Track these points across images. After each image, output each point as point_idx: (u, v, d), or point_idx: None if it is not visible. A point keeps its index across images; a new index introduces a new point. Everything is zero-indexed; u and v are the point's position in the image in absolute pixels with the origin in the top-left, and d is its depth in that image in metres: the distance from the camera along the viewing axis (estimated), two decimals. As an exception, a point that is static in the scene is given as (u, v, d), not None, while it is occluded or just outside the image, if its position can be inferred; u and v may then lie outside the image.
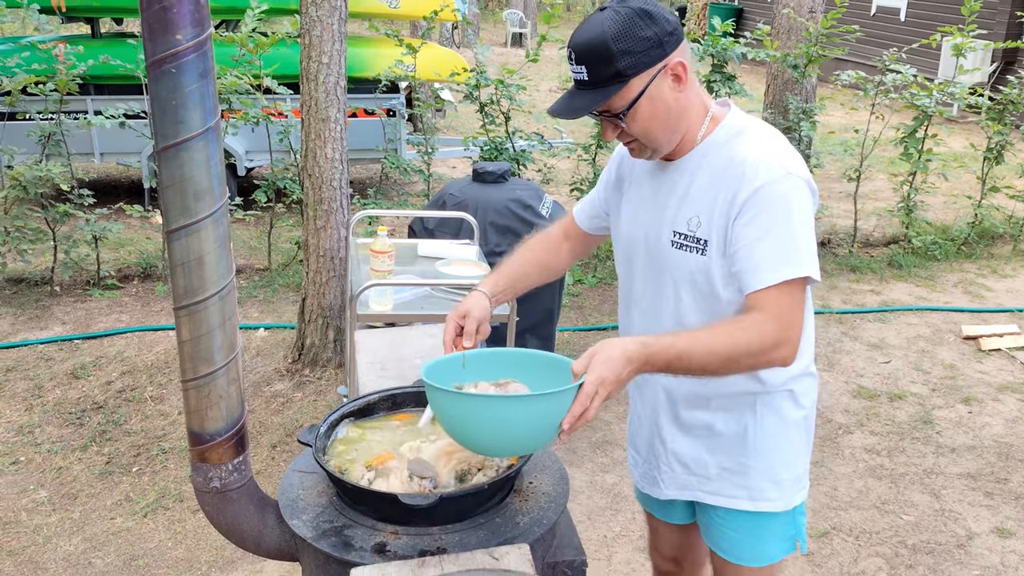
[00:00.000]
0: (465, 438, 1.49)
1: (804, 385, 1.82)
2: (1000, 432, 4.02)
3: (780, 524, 1.86)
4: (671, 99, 1.62)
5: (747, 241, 1.60)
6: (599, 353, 1.47)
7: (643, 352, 1.50)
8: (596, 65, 1.57)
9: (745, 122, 1.71)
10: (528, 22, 19.55)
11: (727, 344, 1.55)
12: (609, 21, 1.56)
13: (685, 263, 1.69)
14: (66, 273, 5.38)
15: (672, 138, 1.67)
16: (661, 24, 1.58)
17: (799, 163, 1.65)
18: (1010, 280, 6.02)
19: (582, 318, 5.21)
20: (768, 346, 1.56)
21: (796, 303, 1.59)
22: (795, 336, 1.58)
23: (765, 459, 1.80)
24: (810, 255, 1.60)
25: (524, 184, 4.10)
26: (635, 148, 1.70)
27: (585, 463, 3.71)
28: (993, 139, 6.36)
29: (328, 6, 4.03)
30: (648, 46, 1.57)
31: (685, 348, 1.53)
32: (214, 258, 1.46)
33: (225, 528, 1.63)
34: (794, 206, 1.59)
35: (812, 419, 1.89)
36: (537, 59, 5.76)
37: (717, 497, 1.85)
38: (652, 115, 1.62)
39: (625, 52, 1.56)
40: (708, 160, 1.68)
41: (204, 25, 1.36)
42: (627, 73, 1.57)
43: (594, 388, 1.44)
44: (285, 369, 4.42)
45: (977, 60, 10.47)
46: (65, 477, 3.58)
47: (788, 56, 6.13)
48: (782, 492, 1.82)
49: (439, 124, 9.34)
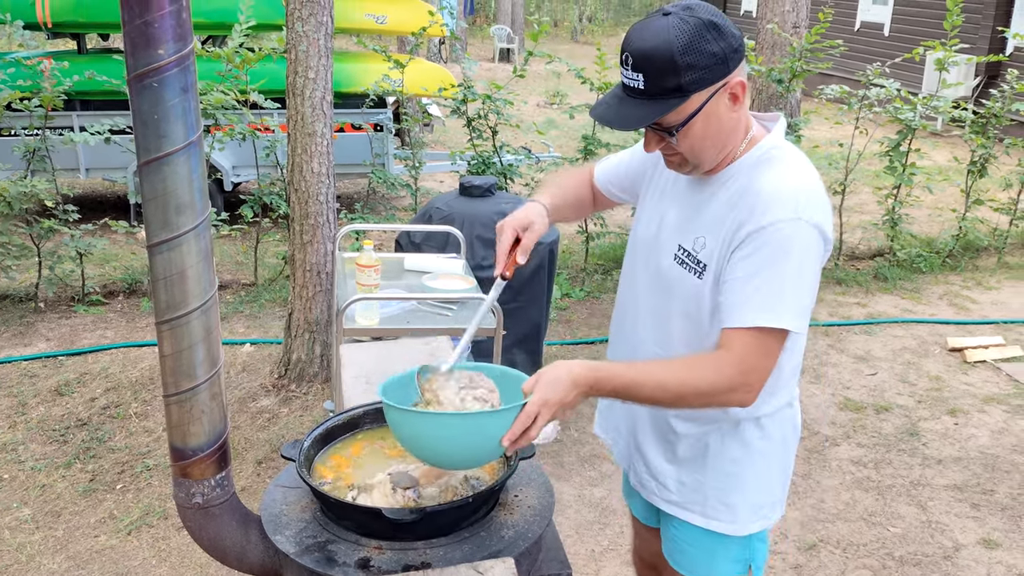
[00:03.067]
0: (415, 452, 1.55)
1: (777, 419, 1.78)
2: (986, 443, 4.04)
3: (733, 546, 1.83)
4: (726, 118, 1.57)
5: (737, 276, 1.57)
6: (546, 374, 1.48)
7: (591, 376, 1.50)
8: (657, 76, 1.49)
9: (779, 150, 1.64)
10: (516, 38, 19.64)
11: (679, 382, 1.54)
12: (676, 31, 1.47)
13: (681, 282, 1.68)
14: (51, 289, 5.35)
15: (717, 157, 1.63)
16: (728, 39, 1.51)
17: (817, 208, 1.57)
18: (995, 292, 6.06)
19: (570, 332, 5.21)
20: (722, 388, 1.54)
21: (765, 351, 1.55)
22: (756, 381, 1.55)
23: (720, 481, 1.78)
24: (795, 307, 1.55)
25: (511, 198, 4.11)
26: (675, 162, 1.65)
27: (573, 477, 3.70)
28: (977, 152, 6.42)
29: (314, 22, 4.04)
30: (714, 62, 1.50)
31: (634, 379, 1.53)
32: (196, 272, 1.45)
33: (207, 544, 1.62)
34: (794, 253, 1.54)
35: (785, 453, 1.84)
36: (524, 74, 5.80)
37: (673, 507, 1.85)
38: (705, 133, 1.56)
39: (691, 66, 1.48)
40: (732, 182, 1.63)
41: (186, 40, 1.36)
42: (689, 89, 1.50)
43: (536, 408, 1.45)
44: (271, 385, 4.40)
45: (960, 74, 10.59)
46: (49, 495, 3.54)
47: (773, 70, 6.18)
48: (734, 517, 1.79)
49: (426, 139, 9.37)
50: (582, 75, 5.75)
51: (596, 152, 5.90)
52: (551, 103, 13.27)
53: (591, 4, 26.54)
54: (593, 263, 6.26)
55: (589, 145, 5.86)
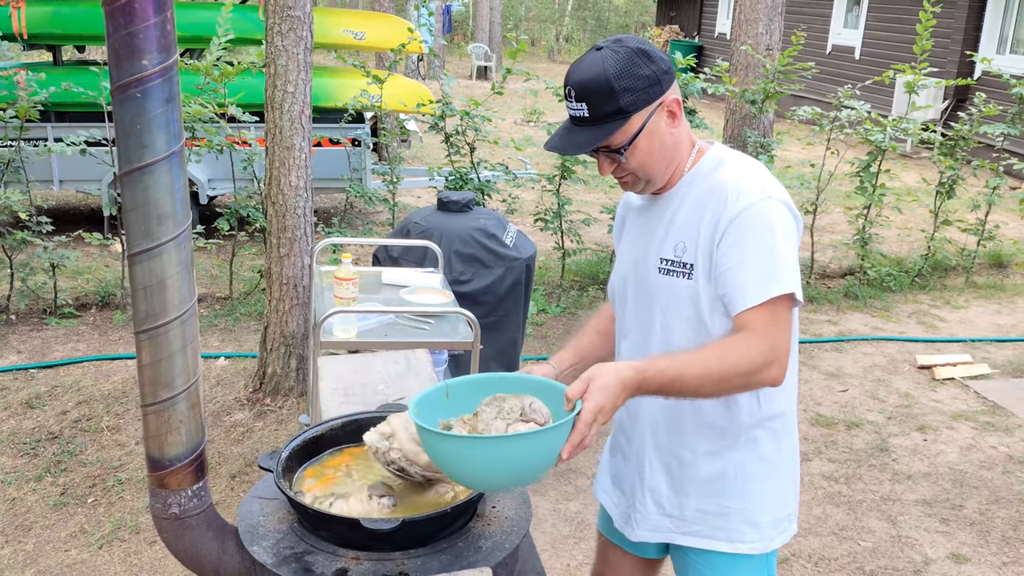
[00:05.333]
0: (466, 478, 1.47)
1: (785, 424, 1.82)
2: (954, 459, 4.10)
3: (755, 566, 1.84)
4: (667, 134, 1.69)
5: (732, 263, 1.64)
6: (595, 380, 1.48)
7: (637, 378, 1.52)
8: (598, 102, 1.62)
9: (728, 153, 1.77)
10: (493, 55, 19.76)
11: (719, 365, 1.57)
12: (610, 60, 1.62)
13: (671, 288, 1.73)
14: (22, 301, 5.29)
15: (666, 172, 1.73)
16: (658, 63, 1.65)
17: (780, 188, 1.70)
18: (963, 311, 6.17)
19: (546, 347, 5.23)
20: (758, 365, 1.58)
21: (782, 321, 1.62)
22: (783, 354, 1.61)
23: (745, 501, 1.79)
24: (793, 273, 1.64)
25: (488, 213, 4.13)
26: (629, 181, 1.75)
27: (549, 491, 3.71)
28: (945, 174, 6.54)
29: (294, 36, 4.06)
30: (647, 84, 1.63)
31: (679, 371, 1.56)
32: (176, 282, 1.46)
33: (184, 555, 1.61)
34: (776, 227, 1.64)
35: (793, 461, 1.87)
36: (502, 92, 5.83)
37: (691, 538, 1.83)
38: (650, 150, 1.68)
39: (627, 90, 1.61)
40: (693, 188, 1.73)
41: (170, 51, 1.37)
42: (628, 110, 1.63)
43: (592, 416, 1.45)
44: (246, 398, 4.38)
45: (929, 97, 10.79)
46: (19, 508, 3.49)
47: (746, 92, 6.27)
48: (761, 535, 1.81)
49: (404, 154, 9.38)
50: (559, 93, 5.80)
51: (572, 169, 5.95)
52: (528, 120, 13.36)
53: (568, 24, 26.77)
54: (570, 279, 6.29)
55: (566, 162, 5.90)
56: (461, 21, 25.65)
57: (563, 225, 6.09)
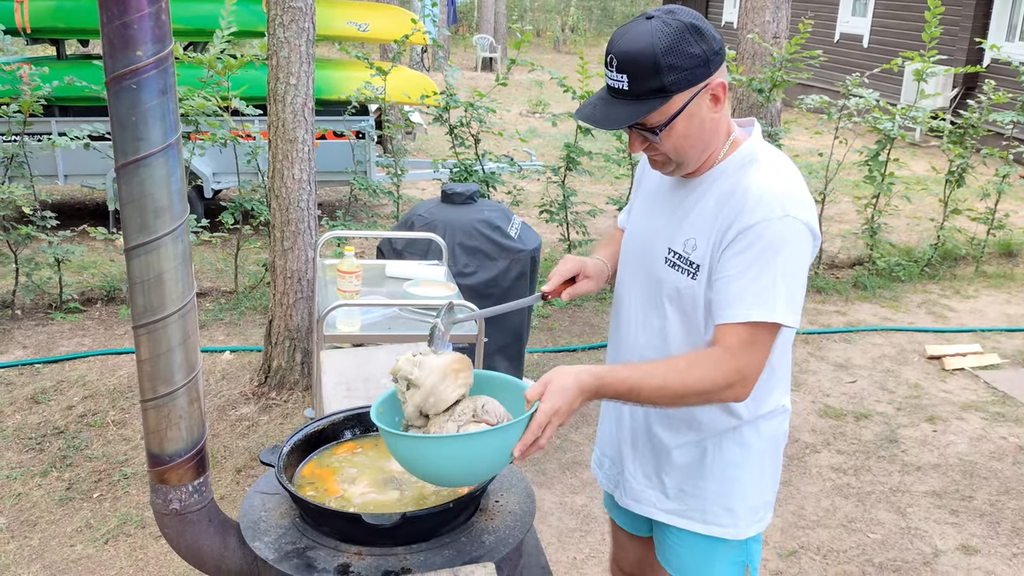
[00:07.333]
0: (423, 475, 1.52)
1: (772, 420, 1.81)
2: (964, 450, 4.07)
3: (732, 550, 1.84)
4: (707, 119, 1.61)
5: (729, 273, 1.59)
6: (553, 382, 1.49)
7: (595, 384, 1.51)
8: (640, 77, 1.53)
9: (762, 151, 1.68)
10: (498, 47, 19.69)
11: (679, 382, 1.56)
12: (659, 33, 1.52)
13: (674, 282, 1.70)
14: (28, 296, 5.29)
15: (700, 157, 1.66)
16: (709, 42, 1.55)
17: (803, 205, 1.61)
18: (972, 301, 6.12)
19: (552, 339, 5.21)
20: (720, 386, 1.56)
21: (759, 345, 1.58)
22: (751, 375, 1.58)
23: (721, 486, 1.79)
24: (787, 302, 1.57)
25: (493, 205, 4.11)
26: (660, 161, 1.68)
27: (555, 484, 3.69)
28: (954, 162, 6.49)
29: (296, 28, 4.03)
30: (696, 63, 1.53)
31: (637, 383, 1.55)
32: (174, 276, 1.44)
33: (185, 551, 1.60)
34: (784, 249, 1.57)
35: (778, 454, 1.87)
36: (507, 83, 5.80)
37: (671, 516, 1.84)
38: (687, 133, 1.60)
39: (673, 67, 1.52)
40: (718, 184, 1.66)
41: (165, 41, 1.35)
42: (671, 89, 1.54)
43: (547, 418, 1.46)
44: (251, 392, 4.37)
45: (938, 85, 10.70)
46: (24, 503, 3.49)
47: (753, 80, 6.22)
48: (735, 520, 1.81)
49: (409, 146, 9.35)
50: (564, 84, 5.77)
51: (578, 161, 5.92)
52: (533, 112, 13.30)
53: (573, 14, 26.67)
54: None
55: (571, 153, 5.87)
56: (466, 12, 25.56)
57: (568, 217, 6.06)
